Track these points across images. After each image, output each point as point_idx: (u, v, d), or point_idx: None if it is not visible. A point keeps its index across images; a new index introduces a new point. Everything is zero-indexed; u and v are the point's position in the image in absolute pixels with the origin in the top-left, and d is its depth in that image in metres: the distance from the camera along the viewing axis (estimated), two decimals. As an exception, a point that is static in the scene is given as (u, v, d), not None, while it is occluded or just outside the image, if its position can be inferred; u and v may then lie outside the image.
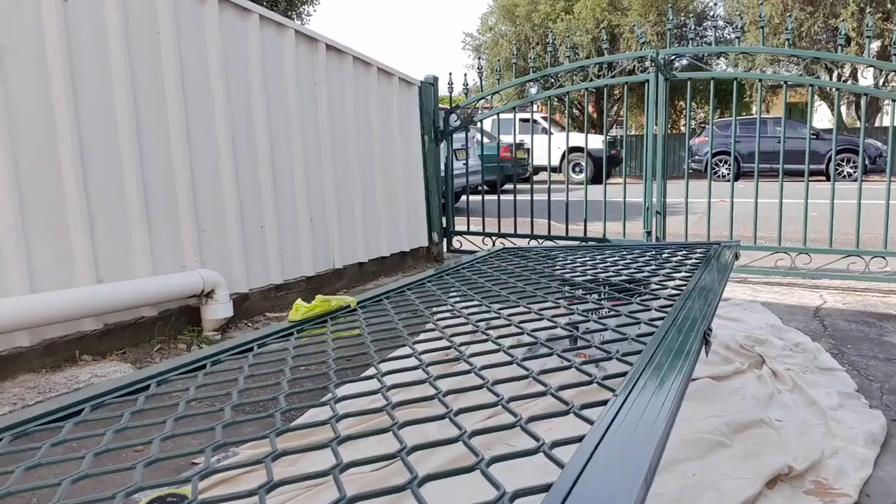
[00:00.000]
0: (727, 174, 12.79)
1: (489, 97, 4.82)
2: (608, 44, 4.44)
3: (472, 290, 1.48)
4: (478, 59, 6.13)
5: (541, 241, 4.36)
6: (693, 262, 1.68)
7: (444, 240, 4.90)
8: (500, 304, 1.30)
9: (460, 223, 4.83)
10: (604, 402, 0.69)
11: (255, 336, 1.18)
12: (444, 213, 4.85)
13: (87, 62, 2.29)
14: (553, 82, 4.43)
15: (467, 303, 1.38)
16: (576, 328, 1.13)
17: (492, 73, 16.33)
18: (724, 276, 1.49)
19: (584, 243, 4.14)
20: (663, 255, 1.85)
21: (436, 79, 4.70)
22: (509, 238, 4.57)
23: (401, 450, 0.62)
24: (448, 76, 4.76)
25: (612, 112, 17.95)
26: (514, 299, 1.33)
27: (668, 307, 1.14)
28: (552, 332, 1.08)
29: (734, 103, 3.82)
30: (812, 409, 1.73)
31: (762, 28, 3.84)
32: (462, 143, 5.88)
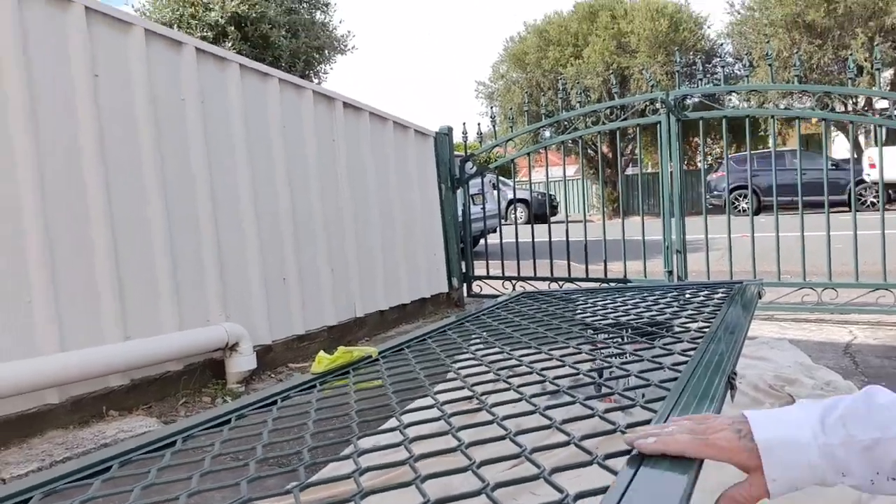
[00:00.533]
0: (746, 209, 12.68)
1: (503, 143, 4.91)
2: (618, 86, 4.52)
3: (493, 337, 1.48)
4: (490, 107, 6.27)
5: (561, 283, 4.34)
6: (716, 303, 1.66)
7: (465, 284, 4.91)
8: (522, 351, 1.30)
9: (480, 267, 4.84)
10: (629, 452, 0.68)
11: (278, 389, 1.19)
12: (462, 258, 4.88)
13: (115, 132, 2.40)
14: (566, 126, 4.51)
15: (488, 349, 1.37)
16: (599, 374, 1.12)
17: (505, 119, 16.60)
18: (749, 316, 1.47)
19: (605, 285, 4.11)
20: (685, 296, 1.83)
21: (450, 129, 4.81)
22: (529, 281, 4.56)
23: (424, 503, 0.62)
24: (462, 125, 4.88)
25: (627, 151, 18.07)
26: (535, 345, 1.33)
27: (692, 350, 1.13)
28: (575, 377, 1.08)
29: (747, 138, 3.84)
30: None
31: (770, 65, 3.88)
32: (478, 188, 5.96)
